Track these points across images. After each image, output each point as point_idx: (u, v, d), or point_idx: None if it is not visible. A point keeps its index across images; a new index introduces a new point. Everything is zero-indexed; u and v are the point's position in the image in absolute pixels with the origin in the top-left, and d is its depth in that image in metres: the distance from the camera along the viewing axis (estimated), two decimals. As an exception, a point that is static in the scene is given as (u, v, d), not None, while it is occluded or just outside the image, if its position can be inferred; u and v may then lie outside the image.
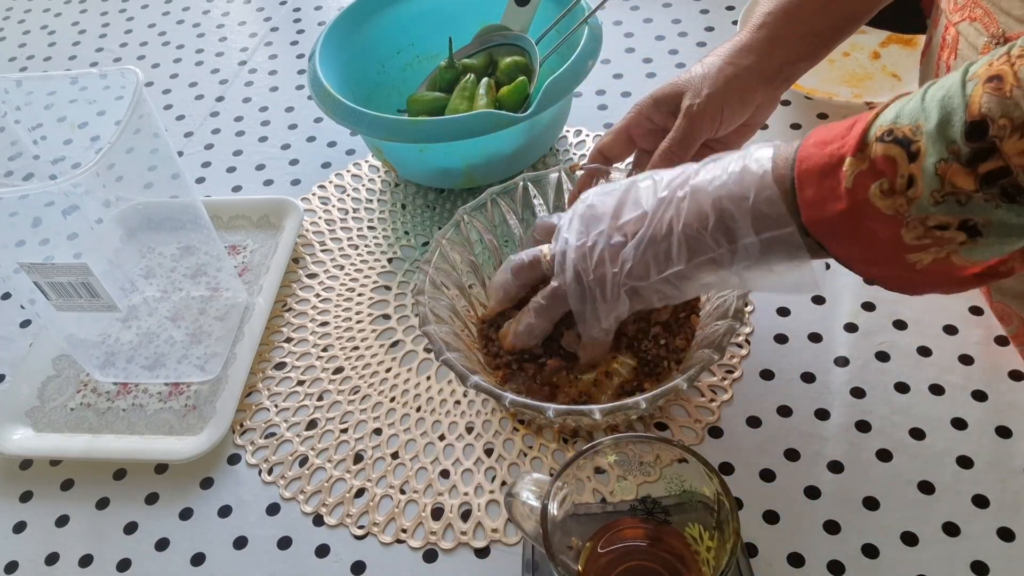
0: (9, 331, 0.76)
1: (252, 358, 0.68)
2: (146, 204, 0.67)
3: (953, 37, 0.61)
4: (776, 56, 0.60)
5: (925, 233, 0.40)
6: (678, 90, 0.61)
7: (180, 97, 0.99)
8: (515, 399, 0.53)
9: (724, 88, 0.59)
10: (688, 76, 0.61)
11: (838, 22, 0.61)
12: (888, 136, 0.39)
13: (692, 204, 0.48)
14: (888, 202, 0.39)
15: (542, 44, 0.79)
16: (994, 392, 0.60)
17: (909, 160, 0.38)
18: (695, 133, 0.60)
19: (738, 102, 0.60)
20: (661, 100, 0.62)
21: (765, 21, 0.60)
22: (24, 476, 0.65)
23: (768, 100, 0.63)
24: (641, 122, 0.63)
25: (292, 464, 0.63)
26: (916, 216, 0.39)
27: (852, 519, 0.55)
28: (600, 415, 0.52)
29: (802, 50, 0.61)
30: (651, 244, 0.50)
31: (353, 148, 0.88)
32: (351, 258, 0.77)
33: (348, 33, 0.82)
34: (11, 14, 1.17)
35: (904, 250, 0.41)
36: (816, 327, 0.66)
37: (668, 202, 0.49)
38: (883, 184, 0.39)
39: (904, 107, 0.40)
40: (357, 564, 0.57)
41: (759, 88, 0.61)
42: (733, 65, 0.60)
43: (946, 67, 0.62)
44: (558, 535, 0.47)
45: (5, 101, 0.64)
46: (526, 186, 0.67)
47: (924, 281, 0.43)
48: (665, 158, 0.60)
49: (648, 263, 0.50)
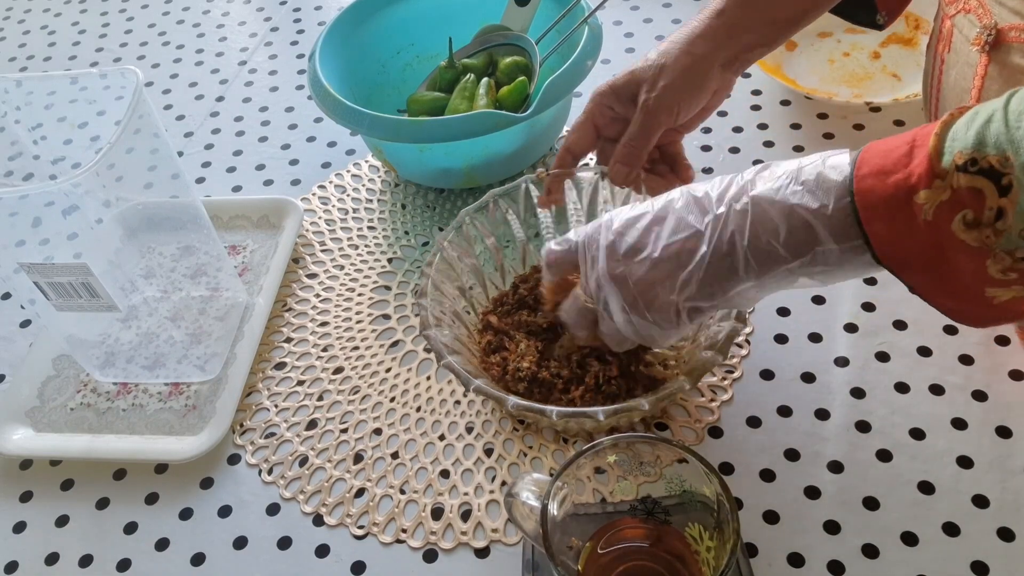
0: (9, 331, 0.76)
1: (252, 358, 0.68)
2: (146, 204, 0.67)
3: (948, 29, 0.61)
4: (733, 43, 0.60)
5: (1012, 265, 0.38)
6: (635, 79, 0.61)
7: (180, 97, 0.99)
8: (518, 402, 0.53)
9: (680, 79, 0.59)
10: (644, 65, 0.61)
11: (798, 10, 0.60)
12: (972, 166, 0.37)
13: (757, 216, 0.44)
14: (973, 234, 0.37)
15: (542, 44, 0.79)
16: (994, 392, 0.60)
17: (1000, 194, 0.36)
18: (653, 126, 0.60)
19: (695, 91, 0.60)
20: (619, 89, 0.62)
21: (724, 7, 0.59)
22: (24, 476, 0.65)
23: (724, 85, 0.62)
24: (603, 111, 0.63)
25: (292, 464, 0.63)
26: (1005, 248, 0.37)
27: (852, 519, 0.55)
28: (604, 416, 0.51)
29: (760, 37, 0.60)
30: (712, 264, 0.46)
31: (353, 148, 0.88)
32: (351, 258, 0.77)
33: (348, 33, 0.82)
34: (11, 14, 1.17)
35: (987, 283, 0.39)
36: (816, 327, 0.66)
37: (726, 218, 0.46)
38: (967, 216, 0.37)
39: (986, 131, 0.37)
40: (357, 564, 0.57)
41: (716, 76, 0.60)
42: (689, 55, 0.59)
43: (940, 59, 0.62)
44: (558, 535, 0.47)
45: (5, 101, 0.64)
46: (528, 188, 0.67)
47: (996, 316, 0.41)
48: (627, 150, 0.61)
49: (712, 283, 0.47)
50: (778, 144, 0.81)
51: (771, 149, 0.81)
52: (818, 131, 0.81)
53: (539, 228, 0.69)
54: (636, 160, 0.62)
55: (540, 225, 0.69)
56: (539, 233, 0.69)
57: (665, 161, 0.66)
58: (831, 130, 0.81)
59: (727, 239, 0.46)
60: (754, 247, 0.45)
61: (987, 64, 0.56)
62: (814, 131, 0.82)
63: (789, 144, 0.81)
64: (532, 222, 0.69)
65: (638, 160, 0.62)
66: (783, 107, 0.85)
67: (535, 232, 0.69)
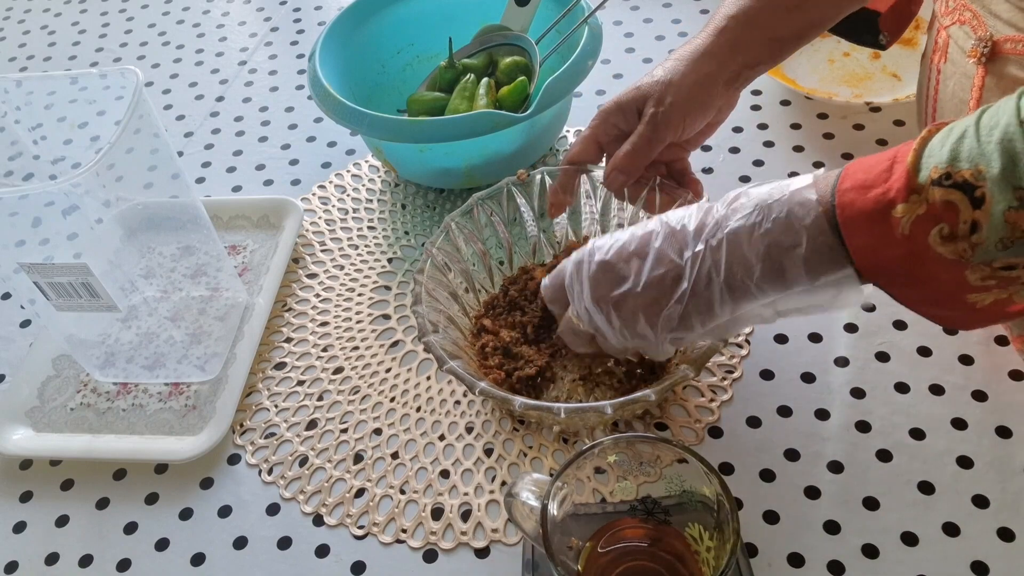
0: (9, 331, 0.76)
1: (252, 358, 0.68)
2: (146, 204, 0.67)
3: (944, 40, 0.61)
4: (737, 61, 0.61)
5: (991, 274, 0.38)
6: (641, 95, 0.61)
7: (180, 97, 0.99)
8: (525, 401, 0.53)
9: (687, 96, 0.60)
10: (651, 81, 0.61)
11: (800, 28, 0.61)
12: (946, 180, 0.37)
13: (732, 253, 0.46)
14: (950, 247, 0.38)
15: (542, 44, 0.79)
16: (994, 392, 0.60)
17: (973, 207, 0.37)
18: (658, 138, 0.61)
19: (701, 109, 0.61)
20: (625, 106, 0.62)
21: (727, 25, 0.60)
22: (24, 476, 0.65)
23: (728, 102, 0.63)
24: (608, 128, 0.64)
25: (292, 464, 0.63)
26: (982, 259, 0.38)
27: (852, 519, 0.55)
28: (611, 410, 0.52)
29: (763, 54, 0.61)
30: (692, 299, 0.48)
31: (353, 148, 0.88)
32: (351, 258, 0.77)
33: (348, 33, 0.82)
34: (11, 14, 1.17)
35: (967, 291, 0.39)
36: (816, 327, 0.66)
37: (702, 255, 0.47)
38: (943, 229, 0.38)
39: (959, 146, 0.38)
40: (357, 564, 0.57)
41: (720, 93, 0.61)
42: (696, 72, 0.60)
43: (937, 70, 0.62)
44: (558, 535, 0.47)
45: (5, 101, 0.64)
46: (510, 190, 0.68)
47: (981, 319, 0.42)
48: (627, 160, 0.61)
49: (690, 317, 0.49)
50: (778, 144, 0.81)
51: (771, 149, 0.81)
52: (818, 131, 0.81)
53: (524, 229, 0.69)
54: (634, 169, 0.62)
55: (525, 226, 0.69)
56: (526, 236, 0.70)
57: (673, 177, 0.67)
58: (831, 130, 0.81)
59: (704, 274, 0.47)
60: (729, 283, 0.47)
61: (984, 76, 0.56)
62: (814, 131, 0.82)
63: (789, 144, 0.81)
64: (517, 224, 0.69)
65: (636, 170, 0.62)
66: (783, 107, 0.85)
67: (519, 233, 0.70)
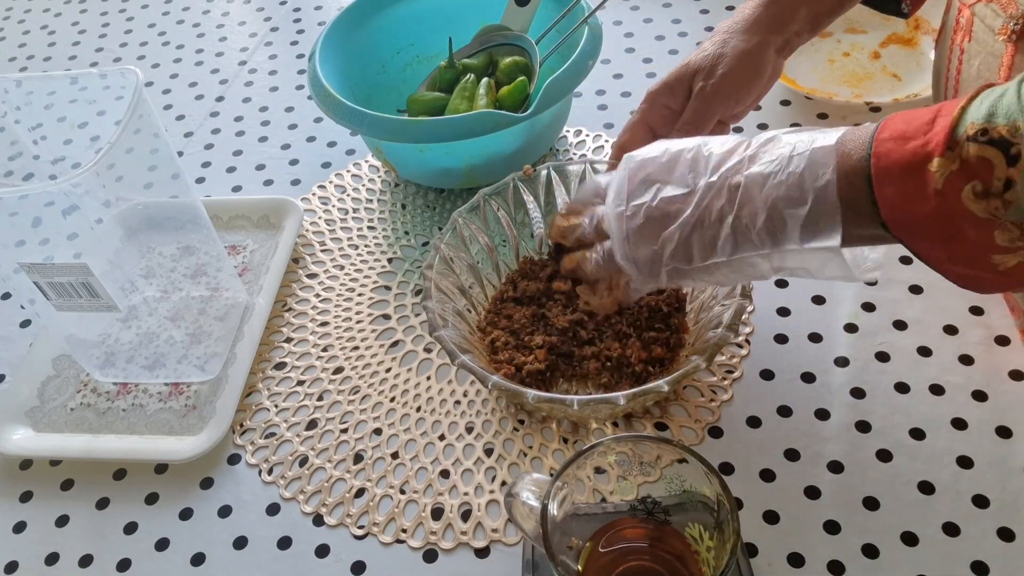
0: (9, 331, 0.76)
1: (252, 358, 0.68)
2: (146, 204, 0.67)
3: (967, 19, 0.61)
4: (784, 30, 0.61)
5: (1020, 235, 0.38)
6: (690, 70, 0.61)
7: (180, 97, 0.99)
8: (538, 394, 0.54)
9: (738, 67, 0.60)
10: (701, 56, 0.61)
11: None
12: (982, 136, 0.37)
13: (745, 197, 0.46)
14: (982, 205, 0.38)
15: (542, 44, 0.79)
16: (994, 392, 0.60)
17: (1008, 164, 0.37)
18: (709, 113, 0.60)
19: (753, 78, 0.61)
20: (674, 84, 0.62)
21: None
22: (24, 476, 0.65)
23: (775, 70, 0.63)
24: (658, 110, 0.63)
25: (292, 464, 0.63)
26: (1013, 218, 0.37)
27: (852, 519, 0.55)
28: (624, 401, 0.52)
29: (807, 23, 0.62)
30: (697, 229, 0.48)
31: (353, 148, 0.88)
32: (351, 258, 0.77)
33: (348, 33, 0.82)
34: (11, 14, 1.17)
35: (993, 251, 0.39)
36: (816, 327, 0.66)
37: (718, 189, 0.47)
38: (976, 187, 0.37)
39: (998, 103, 0.37)
40: (357, 564, 0.57)
41: (771, 61, 0.61)
42: (747, 42, 0.60)
43: (960, 49, 0.62)
44: (558, 535, 0.47)
45: (5, 101, 0.64)
46: (517, 185, 0.68)
47: (1002, 282, 0.41)
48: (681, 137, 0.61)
49: (692, 248, 0.48)
50: (778, 144, 0.81)
51: (771, 149, 0.81)
52: (818, 131, 0.81)
53: (530, 224, 0.70)
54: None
55: (531, 221, 0.69)
56: (532, 232, 0.70)
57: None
58: (831, 130, 0.81)
59: (716, 209, 0.47)
60: (735, 227, 0.46)
61: (1013, 54, 0.56)
62: (814, 131, 0.82)
63: (789, 144, 0.81)
64: (524, 219, 0.69)
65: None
66: (783, 107, 0.85)
67: (527, 229, 0.70)
